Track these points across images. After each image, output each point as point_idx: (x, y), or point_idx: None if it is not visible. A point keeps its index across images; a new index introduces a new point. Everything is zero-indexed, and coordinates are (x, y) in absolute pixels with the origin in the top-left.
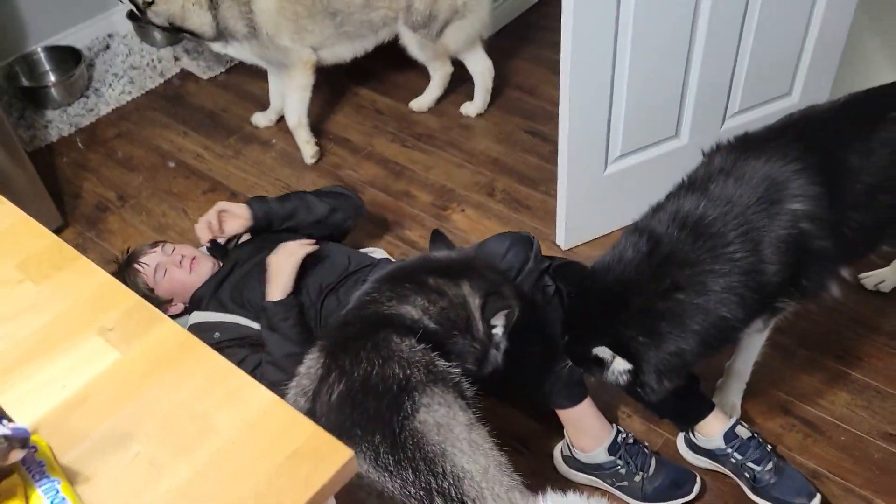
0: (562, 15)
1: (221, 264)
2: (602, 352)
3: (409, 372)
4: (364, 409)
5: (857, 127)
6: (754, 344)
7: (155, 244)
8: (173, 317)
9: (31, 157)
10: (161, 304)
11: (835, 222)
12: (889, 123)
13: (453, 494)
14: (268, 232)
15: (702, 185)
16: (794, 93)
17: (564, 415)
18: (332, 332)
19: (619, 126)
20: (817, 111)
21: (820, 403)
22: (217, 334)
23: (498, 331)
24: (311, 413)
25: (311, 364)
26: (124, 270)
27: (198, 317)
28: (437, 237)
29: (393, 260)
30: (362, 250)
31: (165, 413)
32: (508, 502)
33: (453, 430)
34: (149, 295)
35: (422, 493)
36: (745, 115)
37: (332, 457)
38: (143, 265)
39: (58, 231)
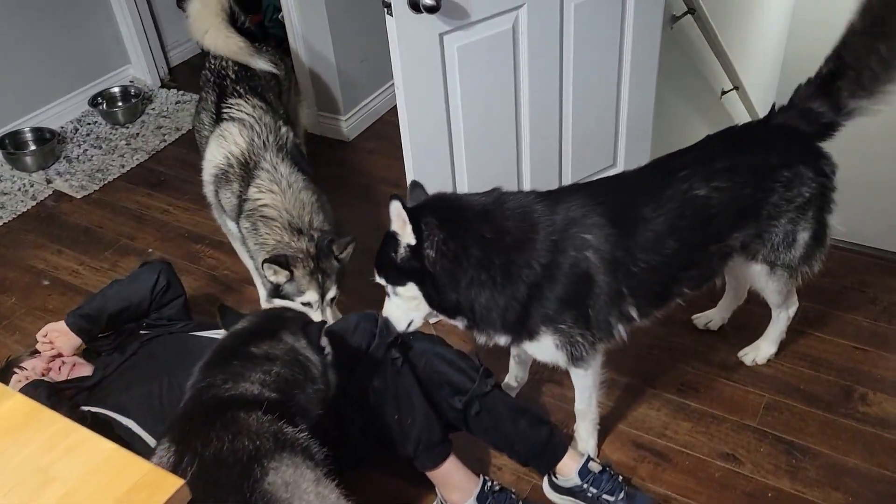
0: (397, 102)
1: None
2: (395, 216)
3: (258, 443)
4: (216, 481)
5: (652, 185)
6: (583, 385)
7: (34, 352)
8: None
9: None
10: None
11: (622, 261)
12: (677, 182)
13: None
14: (117, 330)
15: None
16: (619, 162)
17: (431, 474)
18: (178, 424)
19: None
20: (626, 172)
21: (666, 434)
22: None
23: (328, 349)
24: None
25: (162, 454)
26: (2, 374)
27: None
28: (225, 312)
29: None
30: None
31: (13, 470)
32: None
33: (300, 486)
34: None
35: None
36: None
37: (166, 485)
38: (23, 370)
39: None
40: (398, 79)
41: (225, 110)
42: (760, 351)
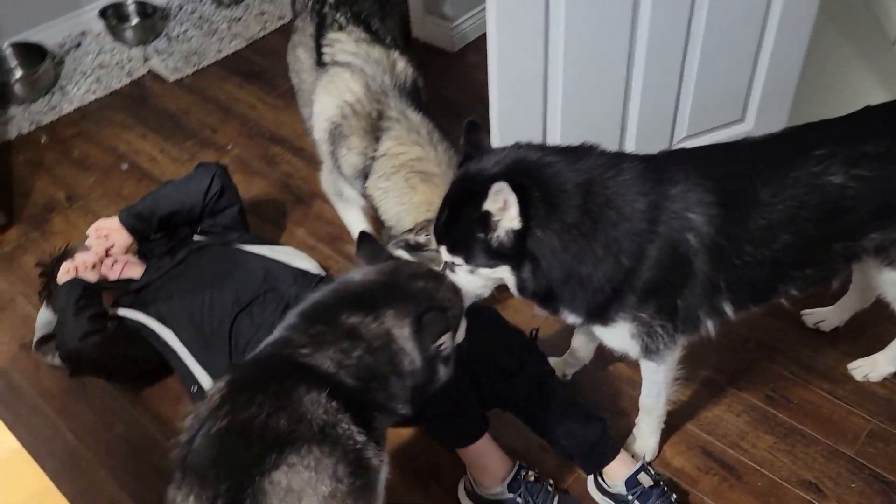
0: (487, 23)
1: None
2: (496, 195)
3: (293, 427)
4: (230, 453)
5: (777, 162)
6: (653, 380)
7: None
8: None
9: None
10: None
11: (725, 250)
12: (808, 162)
13: None
14: (171, 234)
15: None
16: (748, 119)
17: (462, 453)
18: (244, 367)
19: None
20: (749, 140)
21: (741, 446)
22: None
23: (446, 346)
24: (189, 442)
25: (214, 391)
26: (57, 262)
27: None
28: (364, 239)
29: (318, 271)
30: (280, 248)
31: None
32: None
33: (301, 501)
34: None
35: None
36: (694, 139)
37: None
38: (77, 260)
39: (2, 230)
40: None
41: (326, 50)
42: (877, 367)
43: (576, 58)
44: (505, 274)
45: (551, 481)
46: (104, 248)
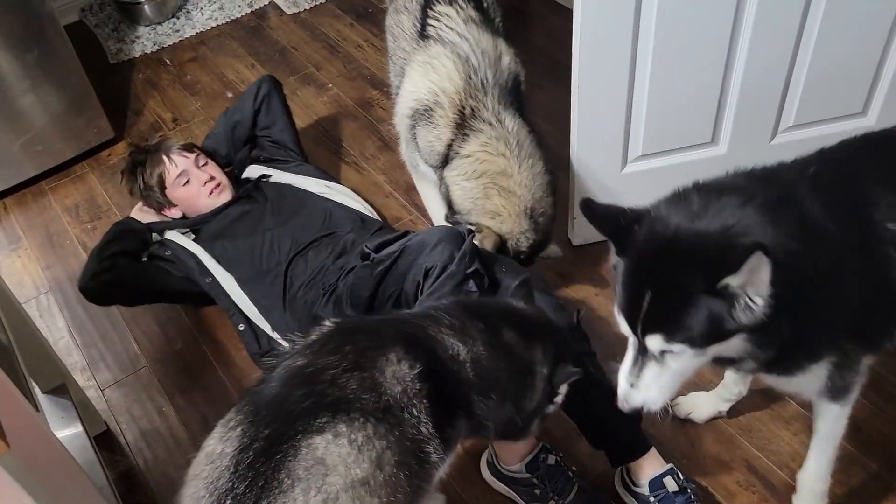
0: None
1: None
2: (753, 268)
3: (359, 395)
4: (289, 397)
5: None
6: (832, 429)
7: (191, 148)
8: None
9: (113, 69)
10: (161, 204)
11: None
12: None
13: None
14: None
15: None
16: (870, 113)
17: None
18: (361, 320)
19: (640, 124)
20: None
21: (790, 466)
22: (208, 280)
23: (560, 397)
24: (271, 369)
25: (321, 328)
26: (148, 152)
27: (184, 241)
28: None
29: (371, 213)
30: (338, 187)
31: None
32: None
33: (326, 478)
34: (151, 188)
35: None
36: (802, 130)
37: None
38: (172, 161)
39: (109, 143)
40: None
41: (432, 23)
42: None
43: (669, 33)
44: (738, 342)
45: (574, 469)
46: (208, 173)
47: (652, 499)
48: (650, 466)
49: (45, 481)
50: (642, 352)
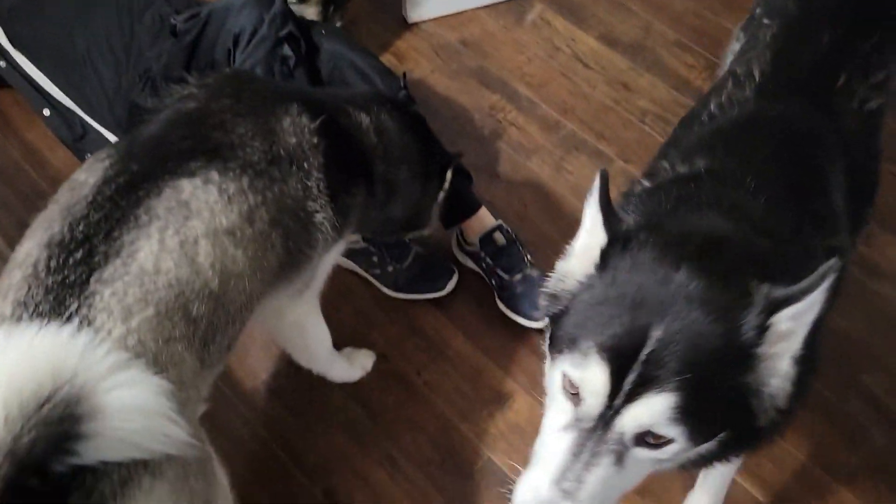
0: None
1: None
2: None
3: (247, 141)
4: (166, 137)
5: None
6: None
7: None
8: None
9: None
10: None
11: None
12: None
13: (84, 287)
14: None
15: None
16: None
17: None
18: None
19: None
20: None
21: None
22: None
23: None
24: (159, 110)
25: (214, 76)
26: None
27: None
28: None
29: None
30: None
31: None
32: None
33: (187, 221)
34: None
35: (73, 247)
36: None
37: None
38: None
39: None
40: None
41: None
42: None
43: None
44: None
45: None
46: None
47: (482, 253)
48: (479, 224)
49: None
50: (596, 436)
